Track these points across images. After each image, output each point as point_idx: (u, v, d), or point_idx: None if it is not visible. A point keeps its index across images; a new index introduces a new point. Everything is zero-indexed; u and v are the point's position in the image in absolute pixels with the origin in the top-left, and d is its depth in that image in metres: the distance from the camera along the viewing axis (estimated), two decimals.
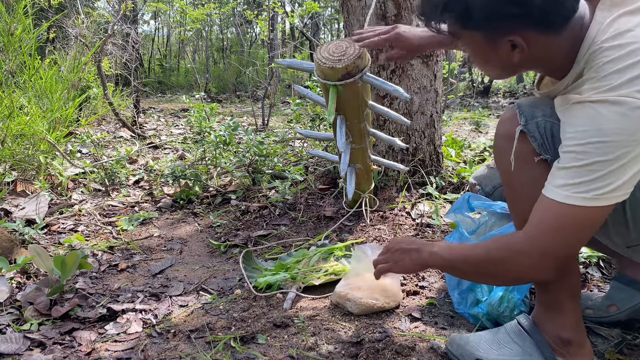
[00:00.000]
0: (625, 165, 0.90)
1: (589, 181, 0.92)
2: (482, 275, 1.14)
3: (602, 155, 0.90)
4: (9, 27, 3.00)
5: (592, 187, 0.92)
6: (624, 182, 0.91)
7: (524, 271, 1.03)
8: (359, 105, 1.74)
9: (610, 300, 1.40)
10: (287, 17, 7.33)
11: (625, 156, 0.89)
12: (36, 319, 1.49)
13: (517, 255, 1.01)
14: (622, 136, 0.89)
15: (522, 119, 1.10)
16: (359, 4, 2.36)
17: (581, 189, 0.93)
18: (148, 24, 15.54)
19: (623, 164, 0.90)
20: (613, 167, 0.90)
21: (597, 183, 0.91)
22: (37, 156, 2.89)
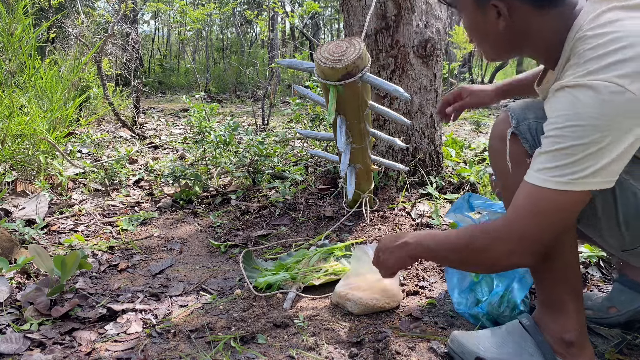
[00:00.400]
0: (602, 150, 0.89)
1: (564, 165, 0.92)
2: (466, 264, 1.15)
3: (577, 139, 0.90)
4: (8, 27, 3.00)
5: (567, 171, 0.92)
6: (601, 168, 0.90)
7: (501, 257, 1.02)
8: (359, 105, 1.74)
9: (610, 302, 1.40)
10: (287, 17, 7.33)
11: (602, 140, 0.89)
12: (36, 319, 1.49)
13: (495, 241, 1.02)
14: (598, 120, 0.89)
15: (514, 121, 1.12)
16: (359, 4, 2.36)
17: (557, 173, 0.93)
18: (148, 24, 15.55)
19: (599, 148, 0.89)
20: (589, 151, 0.90)
21: (572, 167, 0.91)
22: (37, 156, 2.89)
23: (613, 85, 0.88)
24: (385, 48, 2.36)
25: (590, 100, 0.90)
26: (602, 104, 0.88)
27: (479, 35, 1.14)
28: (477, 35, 1.15)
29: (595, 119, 0.89)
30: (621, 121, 0.89)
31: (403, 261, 1.24)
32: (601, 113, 0.89)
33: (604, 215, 1.06)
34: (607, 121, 0.89)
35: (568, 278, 1.12)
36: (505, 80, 1.52)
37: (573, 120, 0.91)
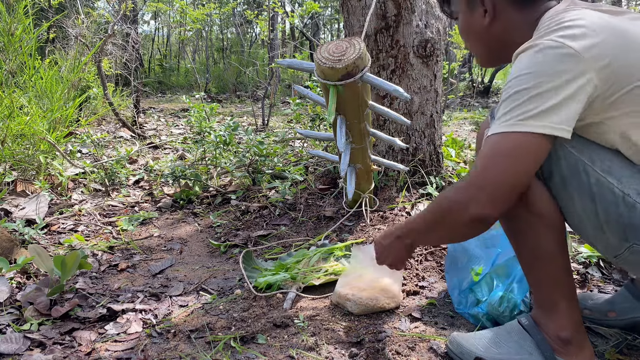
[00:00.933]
0: (543, 95, 0.96)
1: (512, 109, 0.98)
2: (449, 230, 1.14)
3: (521, 85, 0.98)
4: (9, 27, 3.00)
5: (515, 114, 0.98)
6: (544, 110, 0.95)
7: (467, 208, 1.02)
8: (359, 105, 1.74)
9: (611, 306, 1.39)
10: (287, 17, 7.33)
11: (541, 86, 0.96)
12: (36, 319, 1.49)
13: (464, 194, 1.03)
14: (537, 67, 0.97)
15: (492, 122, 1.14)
16: (359, 4, 2.36)
17: (507, 117, 0.99)
18: (148, 24, 15.55)
19: (539, 92, 0.96)
20: (532, 93, 0.96)
21: (519, 109, 0.97)
22: (37, 156, 2.89)
23: (553, 42, 0.97)
24: (385, 48, 2.36)
25: (531, 55, 0.99)
26: (540, 54, 0.98)
27: (469, 35, 1.25)
28: (468, 35, 1.25)
29: (534, 67, 0.97)
30: (559, 69, 0.96)
31: (403, 254, 1.29)
32: (539, 62, 0.97)
33: (586, 217, 1.05)
34: (545, 67, 0.96)
35: (560, 278, 1.13)
36: None
37: (518, 71, 1.00)
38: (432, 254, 1.90)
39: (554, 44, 0.97)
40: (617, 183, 1.00)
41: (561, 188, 1.07)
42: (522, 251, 1.17)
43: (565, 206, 1.08)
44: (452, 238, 1.30)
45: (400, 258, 1.32)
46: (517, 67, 1.01)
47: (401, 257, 1.31)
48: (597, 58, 0.95)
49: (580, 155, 1.03)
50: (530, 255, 1.15)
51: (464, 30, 1.25)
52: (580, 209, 1.04)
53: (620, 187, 0.99)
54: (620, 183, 1.00)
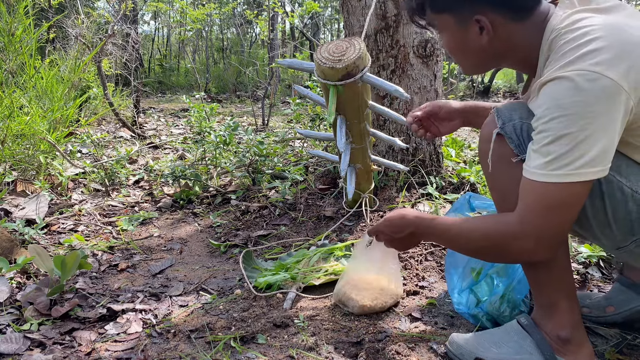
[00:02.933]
0: (591, 137, 0.92)
1: (560, 156, 0.94)
2: (479, 255, 1.19)
3: (565, 129, 0.93)
4: (9, 28, 3.00)
5: (564, 163, 0.94)
6: (596, 156, 0.93)
7: (521, 254, 1.05)
8: (359, 105, 1.74)
9: (608, 301, 1.41)
10: (287, 17, 7.33)
11: (588, 127, 0.92)
12: (36, 319, 1.49)
13: (514, 240, 1.03)
14: (579, 108, 0.92)
15: (500, 122, 1.13)
16: (359, 4, 2.36)
17: (555, 166, 0.95)
18: (148, 24, 15.54)
19: (588, 135, 0.92)
20: (579, 138, 0.92)
21: (568, 157, 0.94)
22: (37, 156, 2.89)
23: (589, 73, 0.92)
24: (385, 48, 2.36)
25: (569, 91, 0.93)
26: (580, 92, 0.92)
27: (460, 52, 1.18)
28: (458, 52, 1.19)
29: (576, 106, 0.92)
30: (602, 107, 0.92)
31: (411, 246, 1.34)
32: (581, 101, 0.92)
33: (593, 214, 1.06)
34: (588, 107, 0.92)
35: (560, 278, 1.13)
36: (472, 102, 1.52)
37: (557, 111, 0.94)
38: (432, 254, 1.90)
39: (591, 75, 0.92)
40: (626, 181, 1.02)
41: None
42: None
43: None
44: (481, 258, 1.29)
45: (407, 248, 1.37)
46: (553, 103, 0.95)
47: (408, 248, 1.36)
48: (634, 83, 0.93)
49: None
50: None
51: (456, 48, 1.17)
52: (589, 206, 1.05)
53: (629, 185, 1.02)
54: (629, 181, 1.02)
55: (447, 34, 1.16)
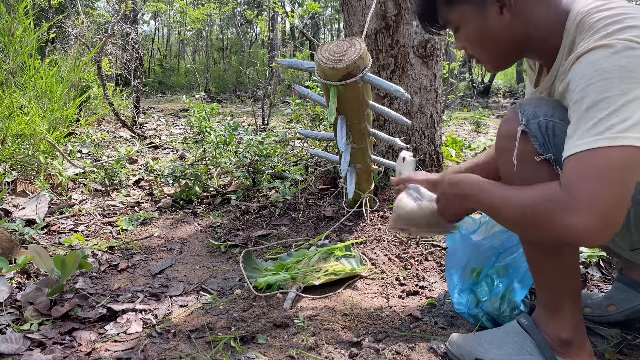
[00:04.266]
0: (633, 102, 0.86)
1: (600, 120, 0.87)
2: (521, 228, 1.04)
3: (605, 92, 0.87)
4: (9, 28, 3.00)
5: (606, 127, 0.86)
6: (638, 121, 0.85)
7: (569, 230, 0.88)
8: (360, 105, 1.74)
9: (609, 301, 1.41)
10: (287, 17, 7.33)
11: (629, 92, 0.86)
12: (36, 319, 1.49)
13: (560, 211, 0.89)
14: (620, 72, 0.87)
15: (524, 119, 1.07)
16: (359, 4, 2.36)
17: (596, 131, 0.87)
18: (148, 24, 15.55)
19: (630, 100, 0.86)
20: (620, 102, 0.86)
21: (610, 121, 0.86)
22: (37, 156, 2.89)
23: (629, 42, 0.87)
24: (386, 48, 2.36)
25: (609, 56, 0.88)
26: (621, 57, 0.87)
27: (481, 43, 1.13)
28: (479, 44, 1.14)
29: (617, 71, 0.87)
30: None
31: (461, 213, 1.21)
32: (621, 65, 0.87)
33: None
34: (630, 73, 0.86)
35: (567, 280, 1.13)
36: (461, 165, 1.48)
37: (595, 77, 0.89)
38: (432, 254, 1.90)
39: (632, 44, 0.87)
40: None
41: None
42: (533, 254, 1.16)
43: None
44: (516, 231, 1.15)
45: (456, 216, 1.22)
46: (590, 69, 0.90)
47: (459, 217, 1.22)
48: None
49: None
50: (542, 259, 1.14)
51: (477, 39, 1.13)
52: None
53: None
54: None
55: (465, 27, 1.12)
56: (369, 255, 1.91)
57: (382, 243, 2.00)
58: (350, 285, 1.71)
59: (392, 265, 1.85)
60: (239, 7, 12.64)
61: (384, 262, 1.86)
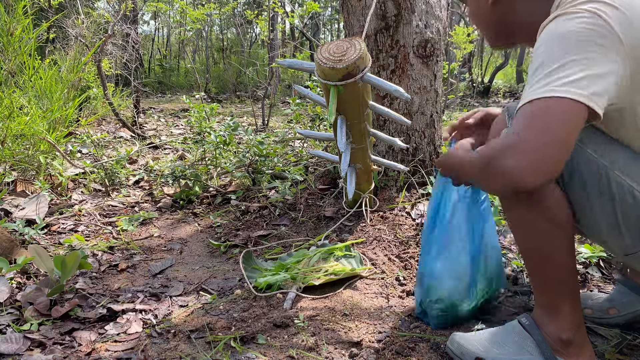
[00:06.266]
0: (579, 62, 0.90)
1: (546, 75, 0.92)
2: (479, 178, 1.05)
3: (552, 51, 0.93)
4: (8, 27, 3.00)
5: (549, 80, 0.91)
6: (583, 78, 0.89)
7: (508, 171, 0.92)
8: (360, 106, 1.74)
9: (611, 303, 1.40)
10: (287, 17, 7.33)
11: (576, 53, 0.90)
12: (36, 319, 1.49)
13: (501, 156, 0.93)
14: (570, 35, 0.92)
15: (510, 121, 1.11)
16: (359, 4, 2.36)
17: (542, 84, 0.91)
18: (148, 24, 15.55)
19: (575, 60, 0.90)
20: (564, 60, 0.90)
21: (554, 75, 0.90)
22: (37, 156, 2.89)
23: (586, 12, 0.92)
24: (385, 48, 2.36)
25: (564, 22, 0.93)
26: (574, 23, 0.92)
27: (477, 22, 1.25)
28: (476, 22, 1.26)
29: (567, 34, 0.92)
30: (592, 42, 0.90)
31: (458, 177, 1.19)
32: (572, 30, 0.92)
33: (602, 216, 1.05)
34: (576, 35, 0.91)
35: (563, 280, 1.12)
36: None
37: (548, 40, 0.95)
38: None
39: (587, 14, 0.91)
40: (637, 186, 1.00)
41: (580, 189, 1.06)
42: (529, 253, 1.16)
43: (582, 206, 1.07)
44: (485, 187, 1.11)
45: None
46: (546, 34, 0.96)
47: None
48: (631, 38, 0.92)
49: (601, 159, 1.03)
50: (538, 258, 1.14)
51: (472, 15, 1.26)
52: (599, 209, 1.04)
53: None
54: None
55: (468, 6, 1.26)
56: (369, 255, 1.91)
57: (382, 243, 2.00)
58: (351, 286, 1.71)
59: (392, 265, 1.85)
60: (239, 7, 12.64)
61: (384, 262, 1.86)
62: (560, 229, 1.09)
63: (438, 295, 1.39)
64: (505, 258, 1.79)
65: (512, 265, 1.77)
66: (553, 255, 1.11)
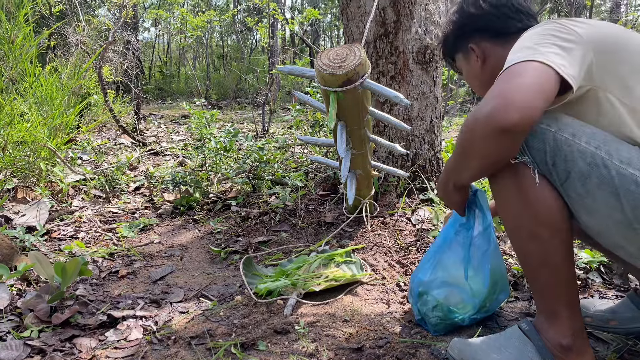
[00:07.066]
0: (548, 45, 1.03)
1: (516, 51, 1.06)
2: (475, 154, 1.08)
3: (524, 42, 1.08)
4: (9, 35, 3.02)
5: (523, 54, 1.03)
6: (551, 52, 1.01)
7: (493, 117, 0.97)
8: (359, 112, 1.75)
9: (613, 316, 1.39)
10: (287, 24, 7.36)
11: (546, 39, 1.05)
12: (36, 326, 1.49)
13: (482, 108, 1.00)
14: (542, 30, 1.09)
15: None
16: (358, 10, 2.37)
17: (514, 57, 1.04)
18: (149, 31, 15.62)
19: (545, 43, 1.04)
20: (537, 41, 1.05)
21: (525, 52, 1.03)
22: (37, 163, 2.90)
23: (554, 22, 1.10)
24: (385, 54, 2.37)
25: (534, 27, 1.13)
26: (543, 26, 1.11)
27: (470, 80, 1.42)
28: (469, 80, 1.43)
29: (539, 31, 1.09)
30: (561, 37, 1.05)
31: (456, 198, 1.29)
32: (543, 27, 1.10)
33: (610, 217, 1.01)
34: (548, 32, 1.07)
35: (561, 285, 1.11)
36: None
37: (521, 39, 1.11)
38: None
39: (555, 23, 1.09)
40: (639, 173, 0.97)
41: (580, 187, 1.03)
42: (526, 259, 1.15)
43: (587, 207, 1.04)
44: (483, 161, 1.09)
45: (455, 203, 1.31)
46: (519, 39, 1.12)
47: (455, 202, 1.30)
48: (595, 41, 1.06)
49: (597, 150, 1.01)
50: (536, 265, 1.13)
51: (468, 78, 1.42)
52: (604, 207, 1.01)
53: None
54: None
55: (462, 69, 1.43)
56: (369, 261, 1.91)
57: (382, 249, 2.00)
58: (351, 292, 1.71)
59: (393, 271, 1.85)
60: (239, 15, 12.69)
61: (384, 268, 1.86)
62: (556, 235, 1.08)
63: (434, 303, 1.40)
64: (506, 264, 1.79)
65: (512, 271, 1.76)
66: (550, 262, 1.10)
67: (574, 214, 1.09)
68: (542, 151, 1.07)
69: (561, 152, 1.04)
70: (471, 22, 1.34)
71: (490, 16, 1.31)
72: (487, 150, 1.04)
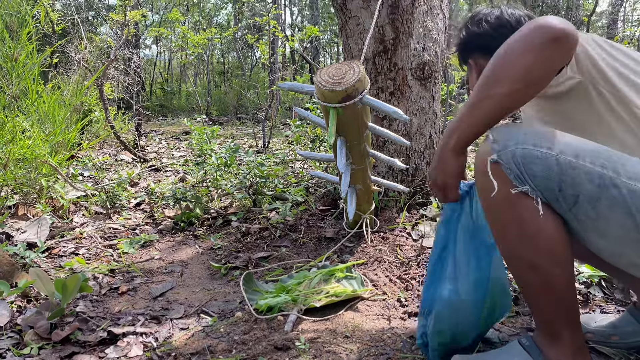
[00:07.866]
0: None
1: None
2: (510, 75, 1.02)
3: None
4: (12, 53, 3.05)
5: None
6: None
7: (554, 26, 0.98)
8: (359, 127, 1.76)
9: (614, 330, 1.38)
10: (287, 41, 7.43)
11: None
12: (36, 343, 1.48)
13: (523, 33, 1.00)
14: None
15: (495, 150, 1.05)
16: (357, 28, 2.40)
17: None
18: (150, 48, 15.75)
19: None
20: None
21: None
22: (39, 180, 2.91)
23: None
24: (384, 71, 2.40)
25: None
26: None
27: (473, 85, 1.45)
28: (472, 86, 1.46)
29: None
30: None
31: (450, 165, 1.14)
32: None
33: (625, 237, 0.97)
34: None
35: (564, 307, 1.09)
36: None
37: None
38: None
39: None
40: None
41: (590, 211, 0.99)
42: (527, 288, 1.12)
43: (599, 231, 1.00)
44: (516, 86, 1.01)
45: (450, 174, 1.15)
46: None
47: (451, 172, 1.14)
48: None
49: (604, 170, 0.97)
50: (536, 292, 1.11)
51: (470, 85, 1.50)
52: (618, 228, 0.97)
53: None
54: None
55: (469, 75, 1.49)
56: (370, 276, 1.91)
57: (383, 264, 2.00)
58: (352, 307, 1.71)
59: (394, 286, 1.85)
60: (240, 32, 12.82)
61: (385, 284, 1.86)
62: (558, 266, 1.05)
63: (441, 327, 1.33)
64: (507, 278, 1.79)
65: (513, 286, 1.76)
66: (550, 290, 1.07)
67: (584, 237, 1.04)
68: (547, 178, 1.00)
69: (567, 177, 0.99)
70: (472, 40, 1.41)
71: (488, 37, 1.36)
72: (531, 65, 0.99)
